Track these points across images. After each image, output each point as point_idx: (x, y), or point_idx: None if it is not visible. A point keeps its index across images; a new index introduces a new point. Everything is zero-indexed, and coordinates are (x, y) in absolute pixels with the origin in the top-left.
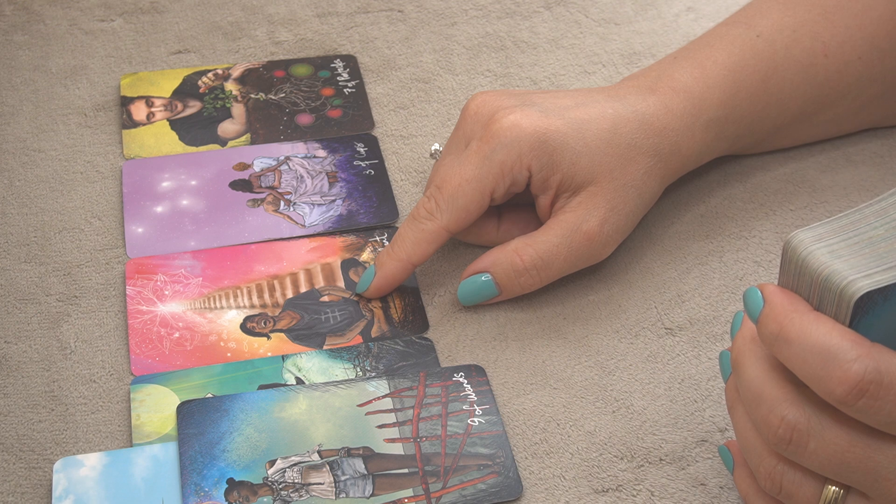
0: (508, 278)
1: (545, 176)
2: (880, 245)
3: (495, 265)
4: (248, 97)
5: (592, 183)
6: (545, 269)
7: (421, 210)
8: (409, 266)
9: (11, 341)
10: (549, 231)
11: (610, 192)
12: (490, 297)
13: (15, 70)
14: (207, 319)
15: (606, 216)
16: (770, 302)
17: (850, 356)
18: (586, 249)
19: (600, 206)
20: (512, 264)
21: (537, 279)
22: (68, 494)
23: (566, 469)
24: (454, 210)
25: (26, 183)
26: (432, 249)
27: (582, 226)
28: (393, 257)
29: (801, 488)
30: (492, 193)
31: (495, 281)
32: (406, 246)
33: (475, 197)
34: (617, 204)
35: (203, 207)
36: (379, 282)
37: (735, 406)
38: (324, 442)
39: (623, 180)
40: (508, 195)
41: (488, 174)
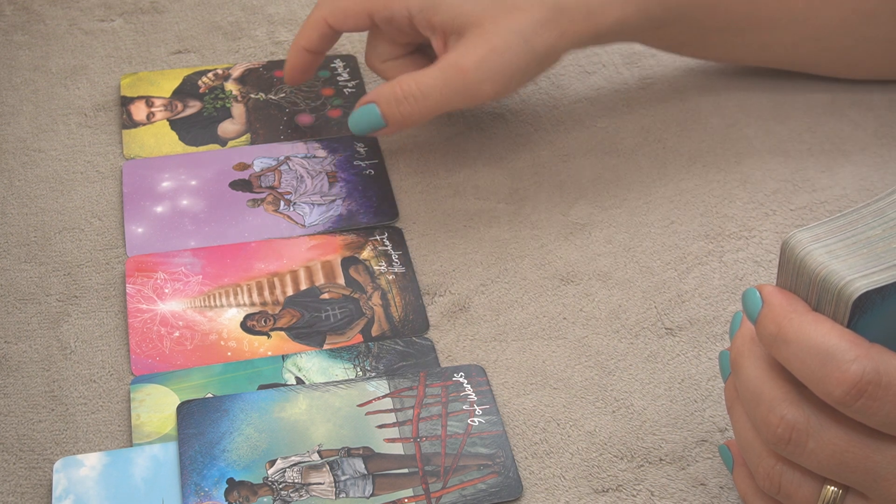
0: (390, 107)
1: (427, 16)
2: (878, 245)
3: (379, 96)
4: (248, 97)
5: (477, 26)
6: (423, 99)
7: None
8: (301, 51)
9: (11, 341)
10: (431, 67)
11: (492, 34)
12: (377, 126)
13: (15, 70)
14: (207, 318)
15: (485, 56)
16: (768, 302)
17: (849, 357)
18: (461, 84)
19: (480, 46)
20: (393, 93)
21: (415, 108)
22: (68, 494)
23: (566, 469)
24: (333, 6)
25: (26, 183)
26: (316, 36)
27: (459, 61)
28: (291, 48)
29: (799, 488)
30: (370, 15)
31: (380, 111)
32: (298, 35)
33: (354, 7)
34: (498, 45)
35: (203, 207)
36: (287, 72)
37: (734, 406)
38: (324, 442)
39: (508, 25)
40: (396, 31)
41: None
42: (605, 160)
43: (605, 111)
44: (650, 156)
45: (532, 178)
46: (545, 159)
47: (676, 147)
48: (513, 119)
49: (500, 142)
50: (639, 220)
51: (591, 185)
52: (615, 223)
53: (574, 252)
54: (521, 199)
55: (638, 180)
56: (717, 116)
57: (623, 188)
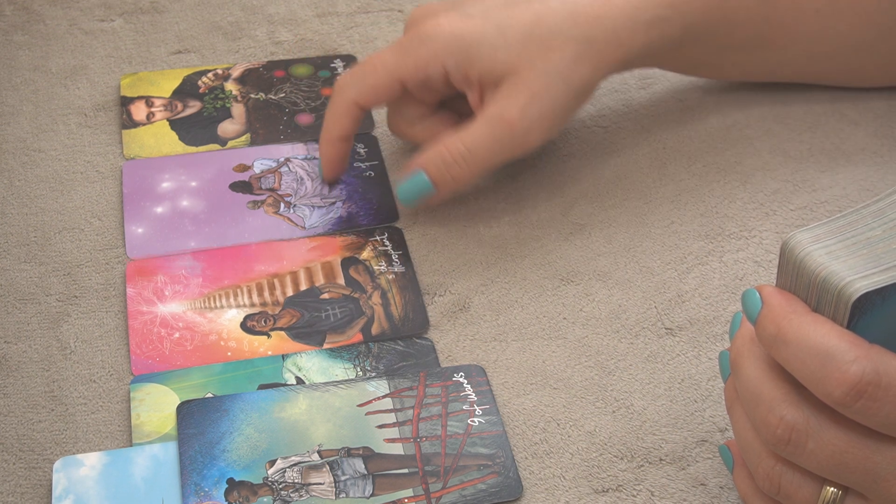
0: (439, 172)
1: (464, 72)
2: (878, 246)
3: (427, 161)
4: (247, 97)
5: (513, 74)
6: (472, 160)
7: (337, 84)
8: (336, 141)
9: (11, 341)
10: (473, 123)
11: (530, 80)
12: (427, 193)
13: (15, 70)
14: (207, 319)
15: (527, 102)
16: (768, 303)
17: (849, 357)
18: (509, 136)
19: (521, 94)
20: (440, 157)
21: (466, 169)
22: (68, 494)
23: (566, 469)
24: (362, 87)
25: (26, 183)
26: (348, 122)
27: (503, 113)
28: (324, 140)
29: (799, 489)
30: (403, 82)
31: (429, 176)
32: (329, 126)
33: (385, 80)
34: (538, 90)
35: (203, 208)
36: (325, 167)
37: (734, 406)
38: (324, 442)
39: (544, 67)
40: (431, 91)
41: (402, 64)
42: (605, 160)
43: (606, 111)
44: (650, 156)
45: (532, 178)
46: (545, 159)
47: (676, 147)
48: None
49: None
50: (639, 220)
51: (591, 185)
52: (615, 223)
53: (574, 252)
54: (521, 199)
55: (638, 180)
56: (717, 116)
57: (623, 188)
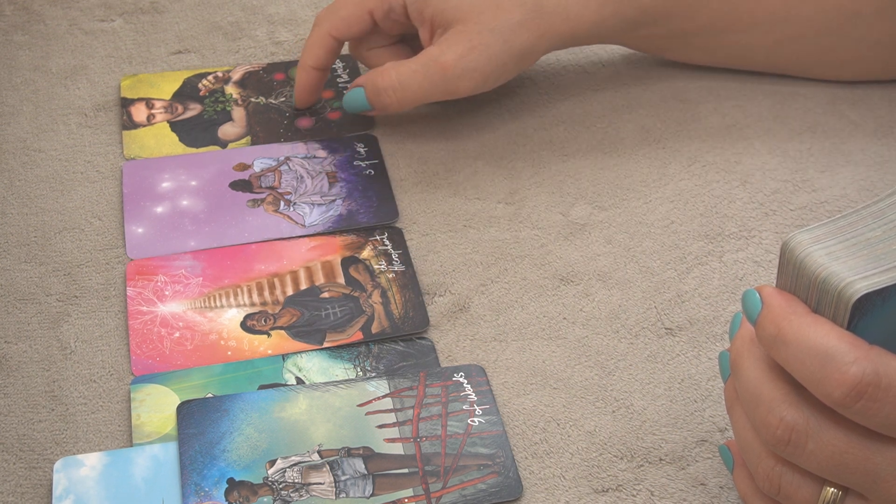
0: (374, 94)
1: (419, 8)
2: (878, 247)
3: (367, 81)
4: (248, 100)
5: (460, 22)
6: (401, 91)
7: (316, 19)
8: (310, 70)
9: (11, 341)
10: (413, 59)
11: (474, 33)
12: (364, 108)
13: (15, 70)
14: (207, 318)
15: (464, 53)
16: (768, 304)
17: (849, 358)
18: (441, 79)
19: (461, 43)
20: (374, 83)
21: (394, 98)
22: (68, 494)
23: (566, 469)
24: (335, 18)
25: (26, 183)
26: (323, 53)
27: (440, 57)
28: (299, 67)
29: (799, 489)
30: (371, 13)
31: (367, 95)
32: (304, 55)
33: (355, 11)
34: (478, 44)
35: (203, 208)
36: (297, 92)
37: (734, 406)
38: (324, 442)
39: (490, 24)
40: (393, 22)
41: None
42: (605, 160)
43: (605, 111)
44: (650, 156)
45: (532, 178)
46: (545, 159)
47: (676, 147)
48: (513, 119)
49: (500, 142)
50: (639, 220)
51: (591, 185)
52: (615, 223)
53: (574, 252)
54: (521, 199)
55: (638, 180)
56: (717, 116)
57: (623, 188)
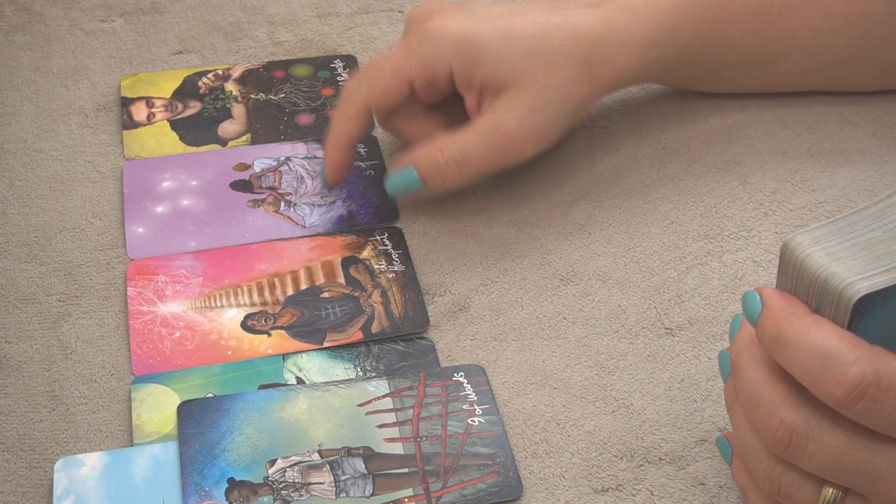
0: (430, 172)
1: (468, 75)
2: (878, 247)
3: (420, 160)
4: (248, 97)
5: (514, 85)
6: (464, 165)
7: (345, 89)
8: (344, 147)
9: (12, 341)
10: (470, 129)
11: (531, 95)
12: (415, 189)
13: (16, 70)
14: (208, 318)
15: (525, 116)
16: (768, 305)
17: (849, 359)
18: (503, 147)
19: (520, 107)
20: (434, 158)
21: (457, 174)
22: (69, 494)
23: (566, 469)
24: (372, 90)
25: (27, 183)
26: (357, 127)
27: (500, 124)
28: (330, 145)
29: (799, 490)
30: (411, 82)
31: (419, 174)
32: (337, 129)
33: (394, 81)
34: (537, 106)
35: (203, 208)
36: (329, 171)
37: (734, 407)
38: (324, 442)
39: (545, 83)
40: (434, 91)
41: (410, 64)
42: (605, 160)
43: (605, 111)
44: (650, 156)
45: (532, 178)
46: (545, 159)
47: (676, 147)
48: None
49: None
50: (639, 220)
51: (591, 185)
52: (615, 223)
53: (574, 252)
54: (521, 199)
55: (638, 180)
56: (717, 116)
57: (623, 188)
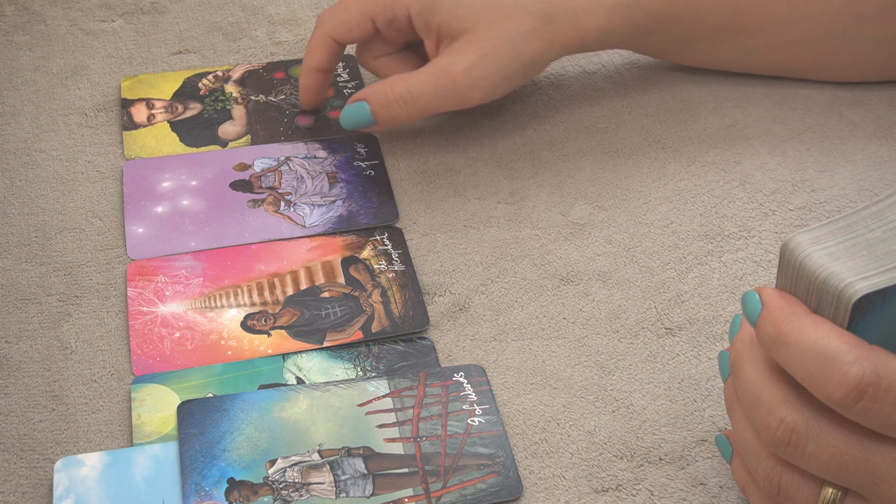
0: (381, 106)
1: (425, 19)
2: (878, 247)
3: (372, 94)
4: (248, 99)
5: (469, 32)
6: (412, 102)
7: (317, 20)
8: (313, 72)
9: (12, 341)
10: (422, 70)
11: (483, 42)
12: (367, 123)
13: (16, 70)
14: (208, 318)
15: (475, 62)
16: (768, 305)
17: (849, 359)
18: (451, 89)
19: (471, 52)
20: (384, 94)
21: (405, 110)
22: (69, 494)
23: (566, 469)
24: (336, 22)
25: (27, 183)
26: (325, 55)
27: (450, 66)
28: (301, 71)
29: (799, 490)
30: (373, 20)
31: (371, 109)
32: (307, 57)
33: (357, 16)
34: (488, 53)
35: (203, 208)
36: (301, 94)
37: (734, 407)
38: (324, 442)
39: (499, 33)
40: (397, 31)
41: (373, 3)
42: (605, 160)
43: (605, 111)
44: (650, 156)
45: (532, 178)
46: (545, 159)
47: (676, 147)
48: (513, 119)
49: (500, 142)
50: (639, 220)
51: (591, 185)
52: (615, 223)
53: (574, 252)
54: (521, 199)
55: (638, 180)
56: (717, 116)
57: (623, 188)
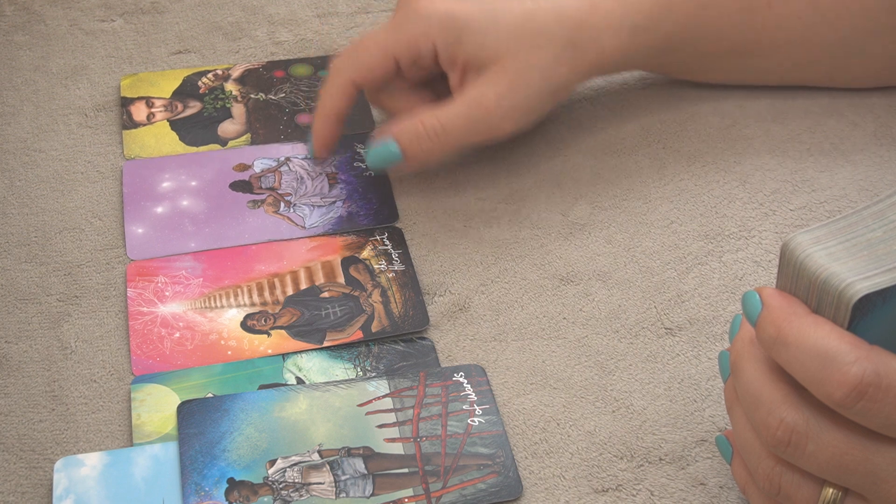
0: (411, 143)
1: (452, 53)
2: (878, 247)
3: (401, 132)
4: (247, 97)
5: (497, 63)
6: (444, 136)
7: (332, 65)
8: (332, 119)
9: (12, 341)
10: (451, 102)
11: (512, 72)
12: (395, 161)
13: (16, 70)
14: (208, 318)
15: (506, 92)
16: (768, 305)
17: (849, 359)
18: (483, 121)
19: (501, 83)
20: (414, 130)
21: (437, 145)
22: (69, 494)
23: (566, 469)
24: (359, 66)
25: (27, 183)
26: (344, 101)
27: (481, 98)
28: (318, 118)
29: (799, 490)
30: (396, 59)
31: (399, 146)
32: (325, 103)
33: (379, 58)
34: (518, 83)
35: (203, 208)
36: (316, 143)
37: (734, 407)
38: (324, 442)
39: (528, 62)
40: (419, 68)
41: (395, 41)
42: (605, 160)
43: (605, 111)
44: (650, 156)
45: (532, 178)
46: (545, 159)
47: (676, 147)
48: None
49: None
50: (639, 220)
51: (591, 185)
52: (615, 223)
53: (574, 252)
54: (521, 199)
55: (638, 180)
56: (717, 116)
57: (623, 188)
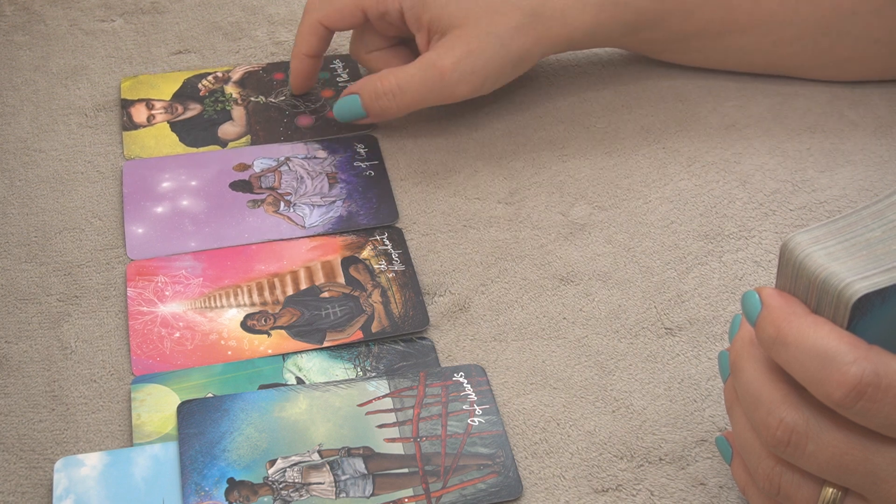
0: (371, 99)
1: (417, 13)
2: (878, 247)
3: (363, 87)
4: (248, 100)
5: (458, 27)
6: (400, 95)
7: (307, 5)
8: (303, 58)
9: (12, 341)
10: (411, 64)
11: (471, 37)
12: (358, 116)
13: (16, 70)
14: (208, 318)
15: (462, 57)
16: (767, 305)
17: (848, 359)
18: (438, 83)
19: (458, 47)
20: (374, 87)
21: (393, 103)
22: (69, 494)
23: (566, 469)
24: (328, 9)
25: (27, 183)
26: (315, 41)
27: (438, 61)
28: (293, 55)
29: (799, 490)
30: (364, 11)
31: (362, 102)
32: (297, 42)
33: (348, 5)
34: (475, 48)
35: (203, 208)
36: (292, 79)
37: (734, 407)
38: (324, 442)
39: (488, 29)
40: (388, 24)
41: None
42: (605, 160)
43: (605, 111)
44: (650, 156)
45: (532, 178)
46: (545, 159)
47: (676, 147)
48: (512, 119)
49: (499, 142)
50: (639, 220)
51: (591, 185)
52: (615, 223)
53: (574, 252)
54: (521, 199)
55: (638, 180)
56: (717, 116)
57: (623, 188)
